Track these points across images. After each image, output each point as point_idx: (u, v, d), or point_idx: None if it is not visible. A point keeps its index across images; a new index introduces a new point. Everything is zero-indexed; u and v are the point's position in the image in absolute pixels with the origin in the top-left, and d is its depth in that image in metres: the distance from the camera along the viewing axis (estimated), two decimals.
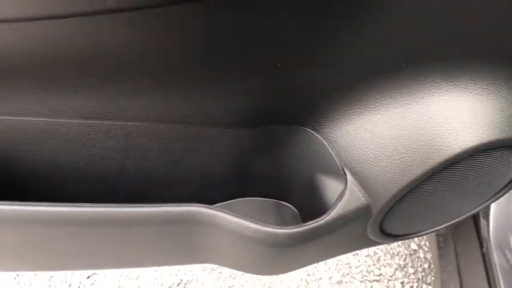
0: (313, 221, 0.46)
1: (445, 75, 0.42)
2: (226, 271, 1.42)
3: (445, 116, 0.43)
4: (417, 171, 0.44)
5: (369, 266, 1.45)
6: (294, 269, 0.57)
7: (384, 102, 0.44)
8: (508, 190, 0.57)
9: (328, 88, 0.43)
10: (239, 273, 1.42)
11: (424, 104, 0.44)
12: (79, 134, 0.43)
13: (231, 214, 0.42)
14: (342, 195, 0.48)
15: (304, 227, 0.45)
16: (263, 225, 0.43)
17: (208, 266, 1.46)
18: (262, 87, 0.41)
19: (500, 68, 0.43)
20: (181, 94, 0.40)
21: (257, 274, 0.56)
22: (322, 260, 0.59)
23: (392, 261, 1.45)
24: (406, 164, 0.45)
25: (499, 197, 0.60)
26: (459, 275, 0.90)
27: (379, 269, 1.44)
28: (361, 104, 0.45)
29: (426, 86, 0.43)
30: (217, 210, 0.41)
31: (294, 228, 0.44)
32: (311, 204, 0.56)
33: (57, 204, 0.39)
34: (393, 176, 0.46)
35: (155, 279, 1.41)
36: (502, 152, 0.46)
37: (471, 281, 0.87)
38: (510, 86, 0.45)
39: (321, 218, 0.46)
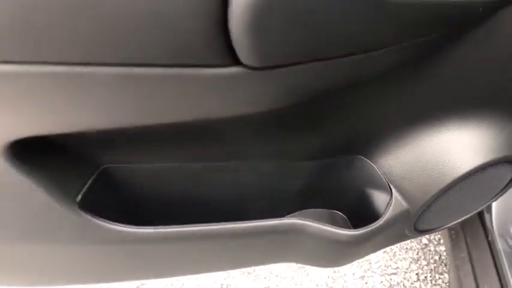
0: (373, 224, 0.64)
1: (460, 118, 0.61)
2: (262, 273, 1.60)
3: (458, 146, 0.63)
4: (440, 185, 0.64)
5: (387, 261, 1.63)
6: (353, 261, 0.76)
7: (416, 138, 0.64)
8: (506, 191, 0.77)
9: (381, 129, 0.62)
10: (273, 274, 1.60)
11: (441, 138, 0.63)
12: (207, 172, 0.61)
13: (318, 223, 0.60)
14: (390, 204, 0.67)
15: (367, 229, 0.64)
16: (340, 229, 0.62)
17: (245, 270, 1.63)
18: (339, 132, 0.60)
19: (498, 108, 0.63)
20: (283, 141, 0.59)
21: (326, 267, 0.74)
22: (371, 253, 0.78)
23: (406, 255, 1.64)
24: (433, 180, 0.64)
25: (500, 196, 0.80)
26: (470, 261, 1.10)
27: (396, 263, 1.63)
28: (401, 140, 0.64)
29: (446, 124, 0.63)
30: (310, 221, 0.60)
31: (361, 230, 0.63)
32: (361, 212, 0.75)
33: (201, 224, 0.57)
34: (424, 188, 0.66)
35: (198, 286, 1.57)
36: (501, 165, 0.66)
37: (481, 265, 1.06)
38: (503, 119, 0.64)
39: (378, 222, 0.65)
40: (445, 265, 1.58)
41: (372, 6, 0.31)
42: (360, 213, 0.76)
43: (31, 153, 0.41)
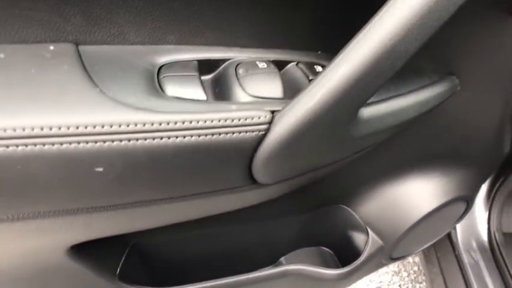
0: (356, 262, 0.78)
1: (420, 169, 0.76)
2: None
3: (420, 192, 0.78)
4: (407, 224, 0.78)
5: (371, 276, 1.77)
6: None
7: (385, 187, 0.78)
8: (464, 217, 0.93)
9: (358, 183, 0.76)
10: None
11: (406, 186, 0.78)
12: (218, 236, 0.73)
13: (311, 266, 0.74)
14: (368, 243, 0.81)
15: (351, 267, 0.77)
16: (329, 269, 0.75)
17: None
18: (325, 191, 0.73)
19: (450, 159, 0.78)
20: (281, 206, 0.72)
21: None
22: (355, 282, 0.91)
23: (388, 269, 1.79)
24: (401, 220, 0.79)
25: (460, 221, 0.96)
26: (442, 274, 1.25)
27: (379, 277, 1.77)
28: (373, 190, 0.78)
29: (410, 175, 0.78)
30: (304, 265, 0.73)
31: (346, 268, 0.76)
32: (345, 249, 0.88)
33: (223, 278, 0.69)
34: (395, 228, 0.80)
35: None
36: (456, 201, 0.81)
37: (451, 277, 1.21)
38: (454, 166, 0.80)
39: (359, 259, 0.79)
40: (424, 274, 1.74)
41: (341, 144, 0.45)
42: (344, 250, 0.89)
43: (84, 247, 0.52)
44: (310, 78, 0.46)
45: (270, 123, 0.38)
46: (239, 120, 0.36)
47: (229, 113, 0.36)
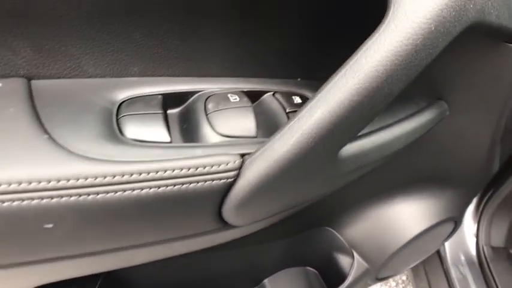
0: (342, 285, 0.75)
1: (408, 191, 0.74)
2: None
3: (407, 214, 0.75)
4: (394, 247, 0.76)
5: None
6: None
7: (371, 210, 0.75)
8: (452, 236, 0.90)
9: (343, 205, 0.73)
10: None
11: (393, 209, 0.75)
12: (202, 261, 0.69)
13: None
14: (353, 266, 0.78)
15: None
16: None
17: None
18: (311, 214, 0.70)
19: (437, 181, 0.75)
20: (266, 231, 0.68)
21: None
22: None
23: None
24: (387, 243, 0.76)
25: (448, 240, 0.94)
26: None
27: None
28: (359, 212, 0.75)
29: (397, 197, 0.75)
30: None
31: None
32: (330, 270, 0.85)
33: None
34: (381, 251, 0.77)
35: None
36: (444, 222, 0.79)
37: None
38: (441, 188, 0.77)
39: (345, 283, 0.76)
40: (412, 284, 1.72)
41: (320, 184, 0.41)
42: (329, 271, 0.86)
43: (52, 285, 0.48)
44: (288, 110, 0.42)
45: (240, 168, 0.34)
46: (204, 168, 0.32)
47: (194, 160, 0.33)
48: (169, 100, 0.39)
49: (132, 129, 0.35)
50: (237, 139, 0.37)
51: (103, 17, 0.34)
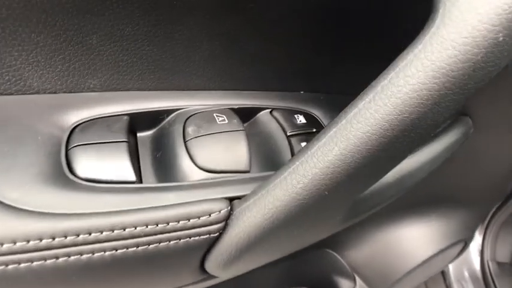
0: None
1: (417, 213, 0.66)
2: None
3: (415, 237, 0.67)
4: (400, 272, 0.68)
5: None
6: None
7: (377, 232, 0.67)
8: (461, 255, 0.84)
9: (347, 228, 0.65)
10: None
11: (400, 232, 0.67)
12: None
13: None
14: None
15: None
16: None
17: None
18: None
19: (448, 201, 0.67)
20: None
21: None
22: None
23: None
24: (393, 268, 0.68)
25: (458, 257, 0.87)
26: None
27: None
28: (363, 234, 0.67)
29: (405, 219, 0.67)
30: None
31: None
32: None
33: None
34: (385, 276, 0.70)
35: None
36: (454, 244, 0.71)
37: None
38: (452, 209, 0.70)
39: None
40: None
41: (327, 228, 0.33)
42: None
43: None
44: (289, 132, 0.34)
45: (227, 219, 0.26)
46: (178, 222, 0.24)
47: (165, 210, 0.24)
48: (139, 121, 0.31)
49: (86, 165, 0.26)
50: (225, 175, 0.29)
51: (44, 16, 0.25)
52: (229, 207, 0.26)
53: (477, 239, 1.17)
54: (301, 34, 0.34)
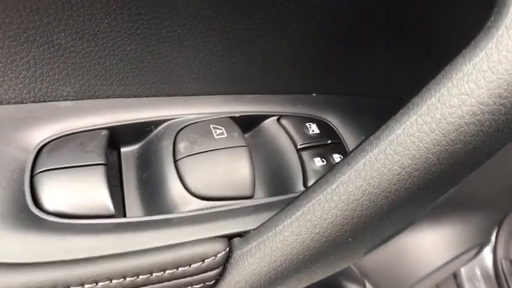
0: None
1: (433, 218, 0.61)
2: None
3: (431, 242, 0.63)
4: (413, 279, 0.64)
5: None
6: None
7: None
8: (475, 258, 0.79)
9: None
10: None
11: (415, 237, 0.63)
12: None
13: None
14: None
15: None
16: None
17: None
18: None
19: (471, 205, 0.63)
20: None
21: None
22: None
23: None
24: (405, 275, 0.64)
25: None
26: None
27: None
28: None
29: (420, 224, 0.62)
30: None
31: None
32: None
33: None
34: (397, 283, 0.66)
35: None
36: (468, 251, 0.67)
37: None
38: (470, 212, 0.65)
39: None
40: None
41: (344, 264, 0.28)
42: None
43: None
44: (300, 145, 0.29)
45: (226, 262, 0.21)
46: (164, 272, 0.19)
47: (151, 255, 0.19)
48: (122, 134, 0.26)
49: (54, 196, 0.21)
50: (223, 203, 0.24)
51: (9, 15, 0.20)
52: (227, 249, 0.21)
53: (492, 235, 1.13)
54: (315, 29, 0.28)
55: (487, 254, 1.13)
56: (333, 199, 0.18)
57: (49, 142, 0.23)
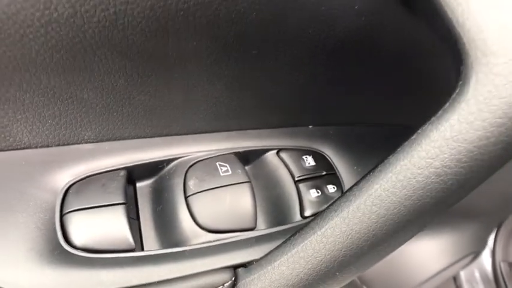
0: None
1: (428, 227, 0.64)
2: None
3: (426, 250, 0.66)
4: (410, 285, 0.67)
5: None
6: None
7: None
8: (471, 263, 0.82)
9: None
10: None
11: (411, 244, 0.66)
12: None
13: None
14: None
15: None
16: None
17: None
18: None
19: (467, 214, 0.65)
20: None
21: None
22: None
23: None
24: (402, 281, 0.67)
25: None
26: None
27: None
28: None
29: (424, 234, 0.65)
30: None
31: None
32: None
33: None
34: None
35: None
36: (464, 258, 0.70)
37: None
38: (465, 221, 0.68)
39: None
40: None
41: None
42: None
43: None
44: (297, 177, 0.32)
45: None
46: None
47: (169, 286, 0.23)
48: (138, 172, 0.29)
49: (82, 233, 0.24)
50: (228, 235, 0.27)
51: (28, 76, 0.23)
52: (233, 278, 0.24)
53: (489, 240, 1.15)
54: (312, 69, 0.31)
55: (486, 257, 1.16)
56: (322, 241, 0.21)
57: (74, 183, 0.27)
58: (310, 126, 0.36)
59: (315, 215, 0.24)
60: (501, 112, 0.17)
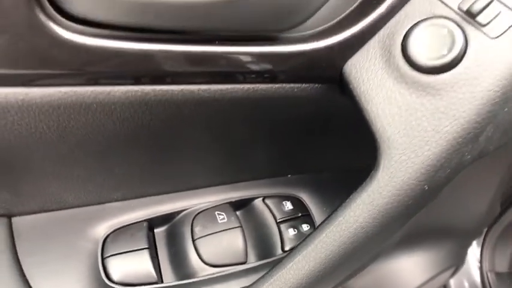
0: None
1: (408, 245, 0.73)
2: None
3: (408, 266, 0.74)
4: None
5: None
6: None
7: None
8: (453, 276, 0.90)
9: None
10: None
11: (394, 261, 0.74)
12: None
13: None
14: None
15: None
16: None
17: None
18: None
19: (437, 232, 0.74)
20: None
21: None
22: None
23: None
24: None
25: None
26: None
27: None
28: None
29: (398, 250, 0.74)
30: None
31: None
32: None
33: None
34: None
35: None
36: (443, 271, 0.78)
37: None
38: (442, 238, 0.76)
39: None
40: None
41: None
42: None
43: None
44: (279, 219, 0.41)
45: None
46: None
47: None
48: (156, 221, 0.39)
49: (119, 270, 0.34)
50: (225, 268, 0.36)
51: (79, 159, 0.33)
52: None
53: (476, 250, 1.23)
54: (288, 136, 0.41)
55: (473, 267, 1.23)
56: (297, 267, 0.30)
57: (109, 234, 0.36)
58: (289, 176, 0.46)
59: (291, 249, 0.33)
60: (399, 187, 0.26)
